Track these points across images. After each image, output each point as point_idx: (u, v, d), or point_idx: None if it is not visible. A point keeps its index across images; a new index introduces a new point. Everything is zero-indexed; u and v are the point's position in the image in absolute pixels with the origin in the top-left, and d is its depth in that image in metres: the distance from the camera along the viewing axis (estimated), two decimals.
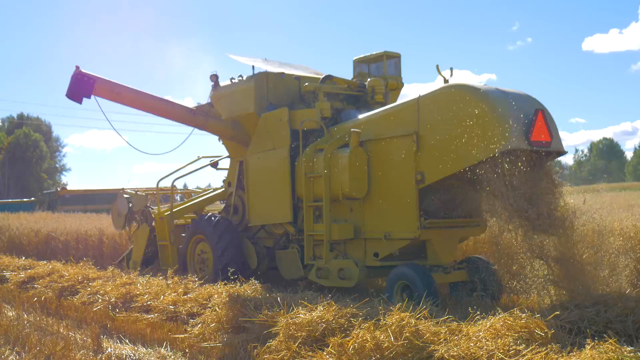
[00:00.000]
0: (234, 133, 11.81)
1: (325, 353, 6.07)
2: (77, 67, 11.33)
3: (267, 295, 8.29)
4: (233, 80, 11.69)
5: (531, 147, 8.09)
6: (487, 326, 5.92)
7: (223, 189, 12.80)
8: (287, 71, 11.68)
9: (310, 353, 6.21)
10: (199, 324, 8.09)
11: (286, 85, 11.29)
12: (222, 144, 12.56)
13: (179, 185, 13.06)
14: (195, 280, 10.40)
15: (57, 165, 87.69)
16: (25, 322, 9.13)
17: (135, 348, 7.69)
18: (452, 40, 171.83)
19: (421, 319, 6.20)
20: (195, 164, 13.84)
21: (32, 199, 49.94)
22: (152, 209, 13.57)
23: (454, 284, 9.72)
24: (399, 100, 10.65)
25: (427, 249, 9.33)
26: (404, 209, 8.93)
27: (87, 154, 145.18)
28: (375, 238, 9.39)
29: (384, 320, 6.19)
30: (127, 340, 8.06)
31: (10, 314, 9.93)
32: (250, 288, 9.25)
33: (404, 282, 8.66)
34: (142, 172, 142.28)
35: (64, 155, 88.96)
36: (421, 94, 8.88)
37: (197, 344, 7.48)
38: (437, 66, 9.63)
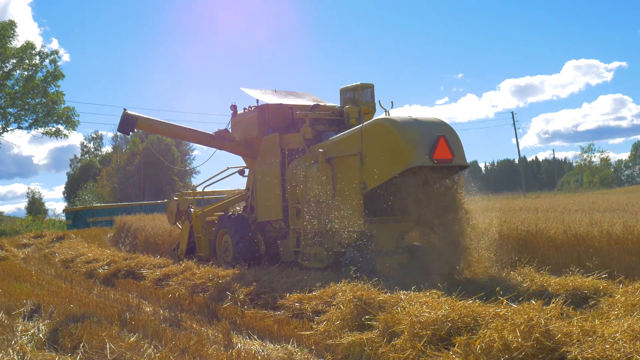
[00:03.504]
0: (246, 151, 14.99)
1: (451, 352, 5.95)
2: (125, 110, 14.57)
3: (391, 293, 8.24)
4: (245, 110, 14.69)
5: (434, 164, 10.66)
6: (625, 327, 5.61)
7: (244, 193, 15.77)
8: (292, 100, 14.73)
9: (435, 352, 6.10)
10: (324, 321, 8.16)
11: (282, 113, 14.16)
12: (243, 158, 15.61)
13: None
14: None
15: (187, 168, 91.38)
16: (161, 317, 9.58)
17: (264, 344, 7.88)
18: (579, 27, 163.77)
19: (552, 319, 5.97)
20: (224, 173, 16.72)
21: (165, 200, 52.00)
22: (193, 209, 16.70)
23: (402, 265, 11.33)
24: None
25: (373, 239, 11.35)
26: (354, 209, 11.35)
27: (214, 156, 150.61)
28: (338, 230, 11.73)
29: (512, 319, 6.01)
30: (255, 336, 8.28)
31: (147, 309, 10.47)
32: (375, 286, 9.24)
33: (353, 263, 10.88)
34: None
35: (193, 159, 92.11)
36: (364, 125, 11.55)
37: (323, 341, 7.54)
38: (379, 102, 12.59)
